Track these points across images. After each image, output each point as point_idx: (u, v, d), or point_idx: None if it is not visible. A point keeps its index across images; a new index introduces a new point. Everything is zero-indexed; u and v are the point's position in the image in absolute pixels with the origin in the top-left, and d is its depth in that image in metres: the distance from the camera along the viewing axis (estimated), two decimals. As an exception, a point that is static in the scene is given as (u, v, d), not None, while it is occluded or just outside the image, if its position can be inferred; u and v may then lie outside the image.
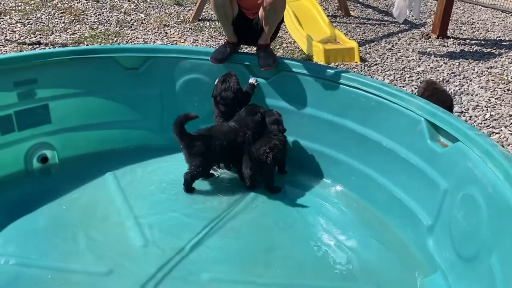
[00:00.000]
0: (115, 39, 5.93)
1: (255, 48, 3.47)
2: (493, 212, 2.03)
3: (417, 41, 6.60)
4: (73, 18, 6.64)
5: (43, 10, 6.90)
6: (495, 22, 7.78)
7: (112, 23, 6.59)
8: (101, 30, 6.25)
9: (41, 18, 6.57)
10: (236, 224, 2.82)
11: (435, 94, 3.35)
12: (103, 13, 7.00)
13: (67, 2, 7.34)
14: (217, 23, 6.72)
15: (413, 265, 2.54)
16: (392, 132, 2.86)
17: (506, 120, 4.38)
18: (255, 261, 2.55)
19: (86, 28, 6.31)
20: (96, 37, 5.93)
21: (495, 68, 5.65)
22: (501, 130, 4.21)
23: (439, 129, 2.60)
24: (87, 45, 5.63)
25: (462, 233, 2.23)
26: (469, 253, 2.14)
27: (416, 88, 4.97)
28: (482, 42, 6.71)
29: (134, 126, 3.48)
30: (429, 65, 5.66)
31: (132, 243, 2.60)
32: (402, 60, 5.79)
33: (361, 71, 5.37)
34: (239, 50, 3.56)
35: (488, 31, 7.27)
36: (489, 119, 4.39)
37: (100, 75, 3.36)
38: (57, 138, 3.27)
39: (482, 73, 5.48)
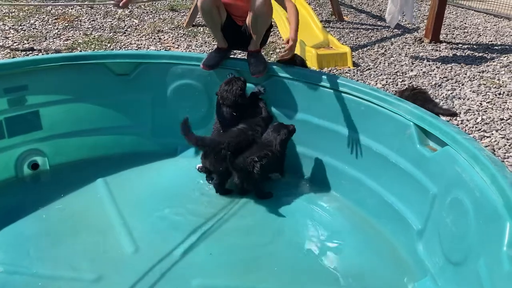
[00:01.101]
0: (109, 45, 5.93)
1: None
2: (480, 216, 2.03)
3: (410, 45, 6.63)
4: (67, 24, 6.65)
5: (36, 17, 6.90)
6: (487, 27, 7.83)
7: (106, 29, 6.59)
8: (94, 36, 6.26)
9: (35, 25, 6.57)
10: (227, 229, 2.82)
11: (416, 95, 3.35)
12: (97, 19, 7.01)
13: (61, 8, 7.34)
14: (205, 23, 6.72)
15: (403, 269, 2.54)
16: (382, 136, 2.87)
17: (497, 124, 4.40)
18: (246, 267, 2.55)
19: (80, 34, 6.32)
20: (89, 43, 5.94)
21: (487, 72, 5.68)
22: (492, 134, 4.23)
23: (428, 133, 2.61)
24: (80, 51, 5.64)
25: (451, 238, 2.23)
26: (458, 257, 2.14)
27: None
28: (475, 46, 6.75)
29: (125, 132, 3.48)
30: (421, 70, 5.69)
31: (122, 249, 2.60)
32: (395, 65, 5.82)
33: (354, 76, 5.38)
34: (231, 56, 3.57)
35: (480, 35, 7.31)
36: (480, 123, 4.41)
37: (91, 81, 3.35)
38: (48, 145, 3.27)
39: (474, 77, 5.50)
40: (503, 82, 5.39)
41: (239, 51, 4.59)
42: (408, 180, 2.66)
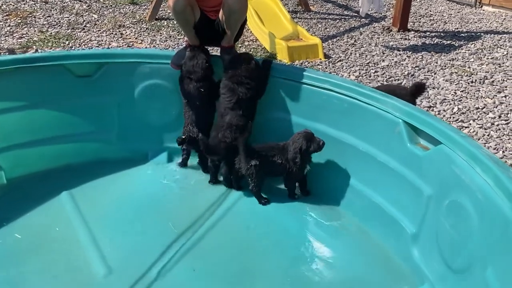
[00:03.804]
0: (67, 42, 5.58)
1: (218, 49, 3.27)
2: (485, 221, 1.90)
3: (379, 35, 6.56)
4: (20, 21, 6.23)
5: (-15, 13, 6.45)
6: (451, 14, 7.87)
7: (63, 25, 6.22)
8: (51, 33, 5.88)
9: (-17, 22, 6.13)
10: (209, 241, 2.61)
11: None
12: (52, 14, 6.61)
13: (12, 4, 6.90)
14: (175, 22, 6.46)
15: (398, 276, 2.41)
16: (368, 135, 2.72)
17: (474, 113, 4.35)
18: (232, 281, 2.36)
19: (35, 31, 5.93)
20: (46, 41, 5.57)
21: (457, 60, 5.66)
22: (470, 124, 4.18)
23: (419, 131, 2.48)
24: (36, 49, 5.27)
25: (451, 243, 2.10)
26: (461, 265, 2.01)
27: (382, 84, 4.90)
28: (442, 34, 6.75)
29: (90, 138, 3.22)
30: (393, 60, 5.61)
31: (93, 272, 2.35)
32: (366, 55, 5.72)
33: (326, 68, 5.25)
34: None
35: (446, 23, 7.34)
36: (457, 113, 4.35)
37: (50, 85, 3.07)
38: (5, 157, 2.97)
39: (445, 66, 5.47)
40: (473, 70, 5.37)
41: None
42: (399, 181, 2.52)
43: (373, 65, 5.41)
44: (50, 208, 2.80)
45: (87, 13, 6.80)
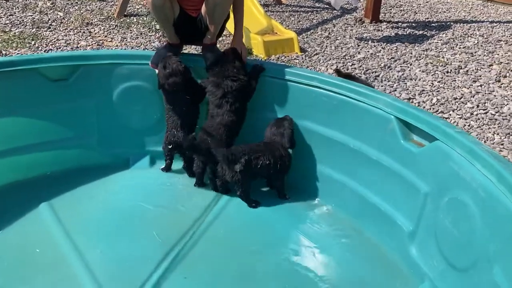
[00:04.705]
0: (33, 42, 5.33)
1: (199, 48, 3.16)
2: (489, 219, 1.88)
3: (352, 26, 6.55)
4: (-21, 21, 5.93)
5: None
6: (420, 4, 7.95)
7: (27, 24, 5.94)
8: (15, 33, 5.60)
9: None
10: (200, 249, 2.49)
11: None
12: (15, 13, 6.31)
13: (-31, 3, 6.56)
14: (145, 18, 6.28)
15: (396, 274, 2.37)
16: (360, 132, 2.67)
17: (453, 104, 4.38)
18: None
19: (-3, 31, 5.65)
20: (10, 41, 5.30)
21: (431, 51, 5.70)
22: (450, 114, 4.20)
23: (412, 127, 2.44)
24: (0, 51, 5.01)
25: (452, 240, 2.08)
26: (464, 262, 1.99)
27: (360, 77, 4.89)
28: (413, 24, 6.79)
29: (68, 145, 3.04)
30: (368, 51, 5.60)
31: (83, 289, 2.22)
32: (342, 48, 5.69)
33: (303, 62, 5.19)
34: (182, 51, 3.22)
35: (416, 13, 7.40)
36: (436, 104, 4.37)
37: (23, 90, 2.88)
38: (-23, 168, 2.78)
39: (420, 56, 5.50)
40: (447, 60, 5.42)
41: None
42: (393, 179, 2.48)
43: (349, 57, 5.39)
44: (29, 222, 2.63)
45: (51, 11, 6.52)
